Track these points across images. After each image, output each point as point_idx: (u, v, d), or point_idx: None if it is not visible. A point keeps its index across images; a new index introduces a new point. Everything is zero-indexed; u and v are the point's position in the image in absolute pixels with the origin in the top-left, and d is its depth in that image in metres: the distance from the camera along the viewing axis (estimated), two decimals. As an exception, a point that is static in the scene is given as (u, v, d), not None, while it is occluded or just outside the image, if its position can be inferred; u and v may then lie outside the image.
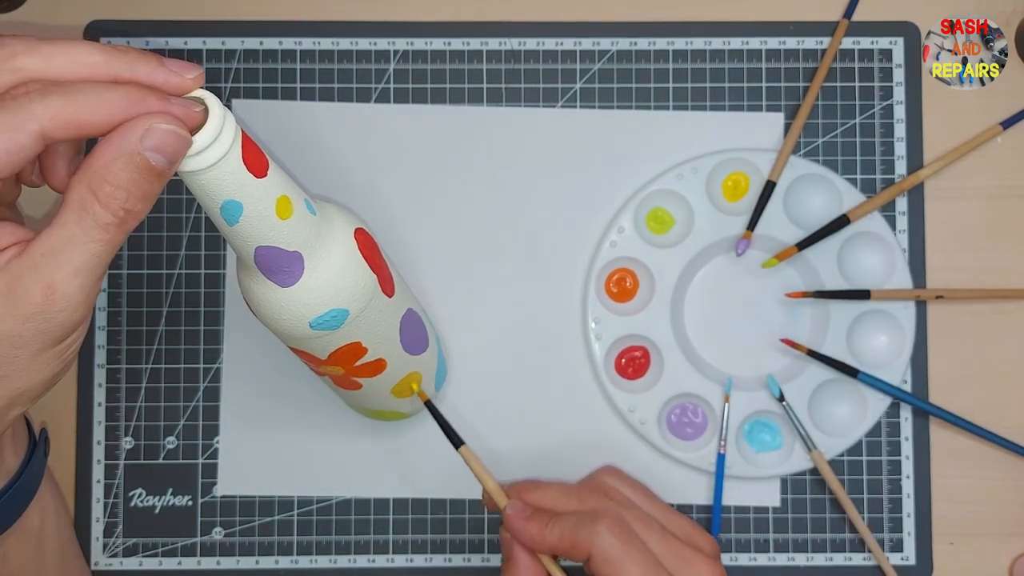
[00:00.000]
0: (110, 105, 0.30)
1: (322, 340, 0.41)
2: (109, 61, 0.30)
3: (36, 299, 0.31)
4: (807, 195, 0.57)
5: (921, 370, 0.57)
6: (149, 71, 0.31)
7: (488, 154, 0.58)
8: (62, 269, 0.31)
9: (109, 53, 0.30)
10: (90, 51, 0.30)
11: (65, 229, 0.31)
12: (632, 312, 0.57)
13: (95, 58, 0.30)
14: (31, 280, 0.31)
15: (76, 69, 0.30)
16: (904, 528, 0.57)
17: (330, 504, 0.57)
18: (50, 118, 0.29)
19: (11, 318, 0.31)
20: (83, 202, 0.30)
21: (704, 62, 0.59)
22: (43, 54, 0.29)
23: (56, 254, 0.31)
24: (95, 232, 0.31)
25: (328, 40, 0.59)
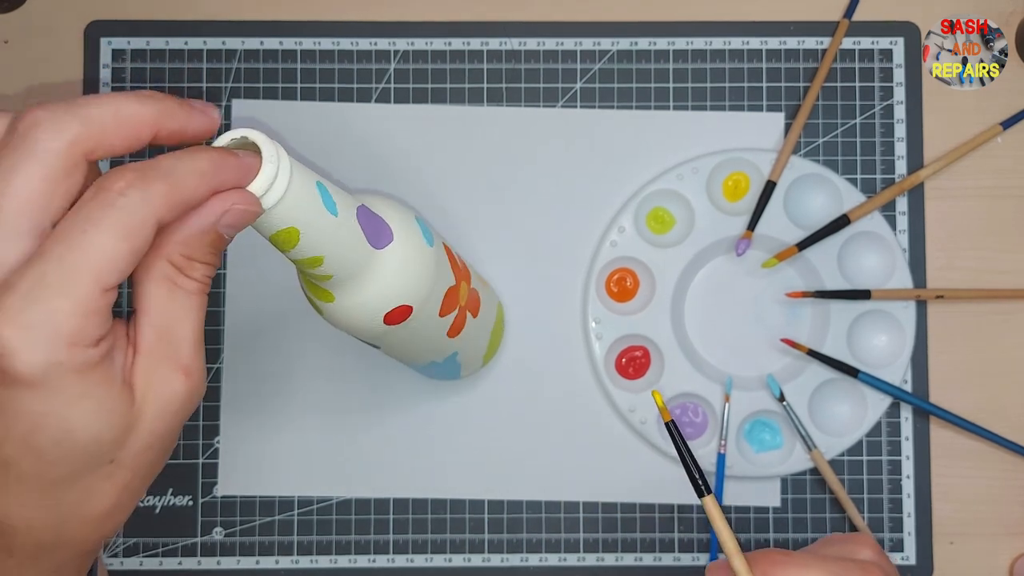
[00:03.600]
0: (203, 179, 0.29)
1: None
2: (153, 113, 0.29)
3: (179, 388, 0.30)
4: (807, 195, 0.57)
5: (921, 370, 0.57)
6: (184, 115, 0.30)
7: (488, 154, 0.58)
8: (185, 345, 0.30)
9: (144, 101, 0.29)
10: (127, 102, 0.29)
11: (164, 309, 0.30)
12: (632, 312, 0.57)
13: (136, 109, 0.29)
14: (168, 365, 0.30)
15: (124, 125, 0.28)
16: (904, 528, 0.57)
17: (330, 504, 0.57)
18: (163, 207, 0.27)
19: (158, 419, 0.29)
20: (168, 276, 0.29)
21: (704, 62, 0.59)
22: (87, 117, 0.28)
23: (172, 336, 0.30)
24: (191, 300, 0.30)
25: (328, 40, 0.59)
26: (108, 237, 0.26)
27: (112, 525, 0.31)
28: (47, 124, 0.27)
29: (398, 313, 0.40)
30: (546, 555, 0.57)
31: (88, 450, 0.28)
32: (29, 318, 0.26)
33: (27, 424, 0.27)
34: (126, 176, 0.27)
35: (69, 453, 0.28)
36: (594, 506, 0.57)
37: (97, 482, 0.29)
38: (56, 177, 0.27)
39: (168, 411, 0.30)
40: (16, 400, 0.27)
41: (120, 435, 0.29)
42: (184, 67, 0.59)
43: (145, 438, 0.29)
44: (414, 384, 0.57)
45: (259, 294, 0.58)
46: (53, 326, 0.26)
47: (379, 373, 0.57)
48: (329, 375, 0.57)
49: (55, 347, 0.26)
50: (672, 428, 0.38)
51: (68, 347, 0.26)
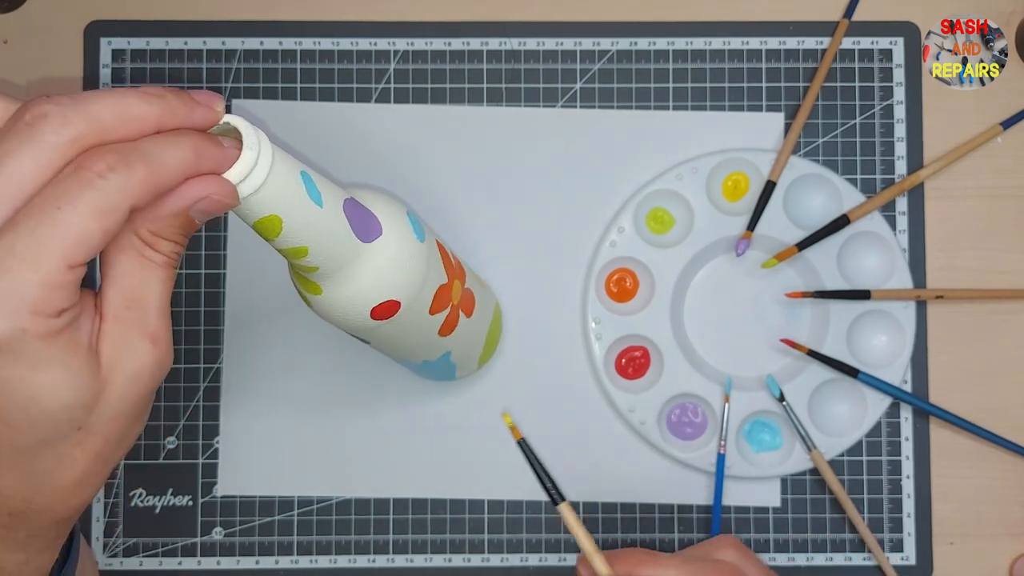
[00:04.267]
0: (184, 166, 0.29)
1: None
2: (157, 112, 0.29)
3: (147, 355, 0.30)
4: (807, 195, 0.57)
5: (921, 370, 0.57)
6: (187, 112, 0.30)
7: (488, 154, 0.58)
8: (151, 314, 0.30)
9: (150, 100, 0.29)
10: (134, 102, 0.29)
11: (130, 278, 0.30)
12: (632, 312, 0.57)
13: (141, 109, 0.29)
14: (134, 333, 0.30)
15: (128, 125, 0.29)
16: (904, 528, 0.57)
17: (330, 504, 0.57)
18: (141, 192, 0.28)
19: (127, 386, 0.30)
20: (135, 247, 0.30)
21: (704, 62, 0.59)
22: (93, 115, 0.28)
23: (138, 304, 0.30)
24: (157, 272, 0.30)
25: (328, 40, 0.59)
26: (81, 216, 0.27)
27: (85, 493, 0.31)
28: (53, 118, 0.27)
29: (386, 308, 0.40)
30: (546, 555, 0.57)
31: (56, 416, 0.28)
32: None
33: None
34: (107, 158, 0.27)
35: (37, 419, 0.28)
36: (594, 506, 0.57)
37: (67, 449, 0.29)
38: (50, 166, 0.27)
39: (136, 378, 0.30)
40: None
41: (88, 401, 0.29)
42: (184, 67, 0.59)
43: (114, 405, 0.30)
44: (414, 385, 0.57)
45: (259, 295, 0.58)
46: (18, 296, 0.26)
47: (379, 374, 0.57)
48: (329, 376, 0.57)
49: (19, 315, 0.26)
50: (524, 446, 0.42)
51: (31, 315, 0.27)
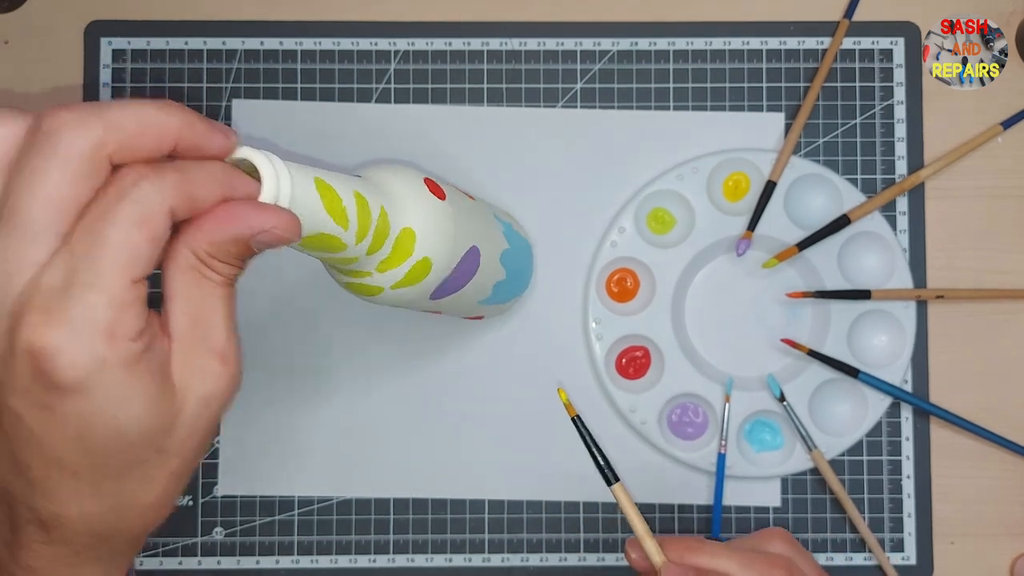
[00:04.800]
0: (219, 183, 0.29)
1: None
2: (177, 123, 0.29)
3: (217, 374, 0.30)
4: (807, 195, 0.57)
5: (921, 370, 0.57)
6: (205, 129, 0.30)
7: (488, 154, 0.58)
8: (218, 331, 0.30)
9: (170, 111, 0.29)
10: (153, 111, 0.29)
11: (192, 296, 0.29)
12: (633, 312, 0.57)
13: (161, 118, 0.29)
14: (204, 353, 0.30)
15: (149, 133, 0.28)
16: (905, 528, 0.57)
17: (330, 504, 0.57)
18: (175, 197, 0.28)
19: (200, 407, 0.30)
20: (194, 266, 0.29)
21: (704, 62, 0.59)
22: (113, 121, 0.28)
23: (204, 323, 0.30)
24: (218, 290, 0.30)
25: (328, 40, 0.59)
26: (126, 227, 0.26)
27: (163, 511, 0.31)
28: (72, 125, 0.27)
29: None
30: (546, 555, 0.57)
31: (137, 443, 0.28)
32: (66, 315, 0.26)
33: (77, 424, 0.27)
34: (138, 169, 0.27)
35: (120, 448, 0.28)
36: (594, 506, 0.57)
37: (148, 471, 0.29)
38: (80, 179, 0.27)
39: (210, 399, 0.30)
40: (65, 402, 0.26)
41: (167, 425, 0.29)
42: (184, 67, 0.59)
43: (190, 426, 0.30)
44: (415, 384, 0.57)
45: (259, 295, 0.57)
46: (92, 320, 0.26)
47: (379, 374, 0.57)
48: (329, 376, 0.57)
49: (97, 342, 0.26)
50: (579, 424, 0.42)
51: (109, 340, 0.26)
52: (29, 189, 0.27)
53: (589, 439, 0.42)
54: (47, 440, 0.27)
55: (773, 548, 0.43)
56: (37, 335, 0.26)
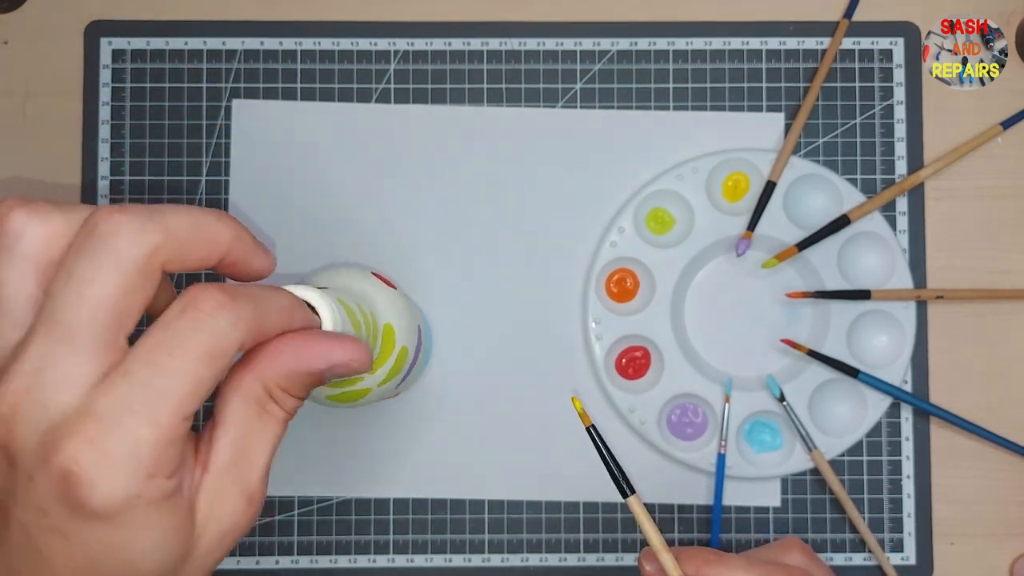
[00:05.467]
0: (284, 314, 0.29)
1: None
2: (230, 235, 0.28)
3: (241, 514, 0.29)
4: (807, 195, 0.57)
5: (921, 370, 0.57)
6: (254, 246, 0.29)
7: (488, 154, 0.58)
8: (256, 472, 0.29)
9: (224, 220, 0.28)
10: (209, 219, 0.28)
11: (246, 430, 0.28)
12: (632, 312, 0.57)
13: (216, 227, 0.28)
14: (234, 490, 0.28)
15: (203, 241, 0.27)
16: (904, 528, 0.57)
17: (330, 504, 0.57)
18: (248, 334, 0.27)
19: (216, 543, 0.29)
20: (259, 400, 0.29)
21: (704, 62, 0.59)
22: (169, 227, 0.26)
23: (246, 459, 0.28)
24: (274, 428, 0.29)
25: (328, 40, 0.59)
26: (194, 362, 0.25)
27: None
28: (129, 230, 0.26)
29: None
30: (546, 555, 0.57)
31: (149, 574, 0.27)
32: (111, 446, 0.24)
33: (91, 553, 0.26)
34: (216, 296, 0.26)
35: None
36: (594, 506, 0.57)
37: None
38: (133, 287, 0.26)
39: (228, 535, 0.29)
40: (84, 529, 0.25)
41: (180, 561, 0.28)
42: (184, 67, 0.59)
43: (204, 557, 0.28)
44: (414, 384, 0.57)
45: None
46: (136, 457, 0.25)
47: (379, 373, 0.57)
48: (329, 375, 0.57)
49: (135, 479, 0.25)
50: (593, 433, 0.41)
51: (147, 479, 0.25)
52: (78, 295, 0.25)
53: (605, 449, 0.41)
54: (53, 563, 0.26)
55: (790, 559, 0.43)
56: (76, 460, 0.24)
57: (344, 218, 0.58)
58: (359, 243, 0.58)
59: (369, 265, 0.58)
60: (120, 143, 0.58)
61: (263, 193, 0.58)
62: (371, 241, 0.58)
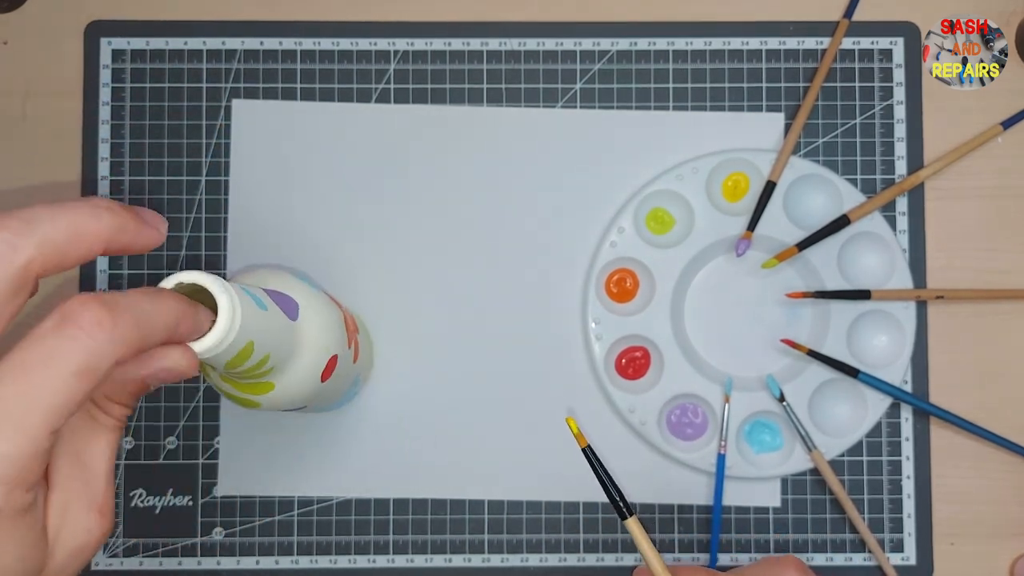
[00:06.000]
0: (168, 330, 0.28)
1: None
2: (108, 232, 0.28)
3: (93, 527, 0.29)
4: (807, 195, 0.57)
5: (921, 370, 0.57)
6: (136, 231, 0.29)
7: (488, 154, 0.58)
8: (98, 482, 0.29)
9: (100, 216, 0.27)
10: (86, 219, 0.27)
11: (79, 442, 0.29)
12: (632, 312, 0.57)
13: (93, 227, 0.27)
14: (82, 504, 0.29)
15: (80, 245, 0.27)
16: (904, 528, 0.57)
17: (330, 504, 0.57)
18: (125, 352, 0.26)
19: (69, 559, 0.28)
20: (89, 411, 0.29)
21: (704, 62, 0.59)
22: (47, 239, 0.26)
23: (86, 471, 0.29)
24: (107, 436, 0.29)
25: (328, 40, 0.59)
26: (68, 378, 0.25)
27: None
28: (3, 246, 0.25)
29: (330, 365, 0.42)
30: (546, 555, 0.57)
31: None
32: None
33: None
34: (96, 312, 0.25)
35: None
36: (594, 506, 0.57)
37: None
38: (3, 302, 0.25)
39: (81, 551, 0.29)
40: None
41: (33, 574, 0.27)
42: (184, 67, 0.59)
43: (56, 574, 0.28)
44: (414, 385, 0.57)
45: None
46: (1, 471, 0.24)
47: (379, 373, 0.57)
48: (329, 375, 0.57)
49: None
50: (589, 455, 0.40)
51: (8, 493, 0.24)
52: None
53: (601, 471, 0.40)
54: None
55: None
56: None
57: (344, 218, 0.58)
58: (359, 243, 0.58)
59: (370, 265, 0.58)
60: (120, 143, 0.58)
61: (263, 193, 0.58)
62: (371, 241, 0.58)
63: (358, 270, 0.58)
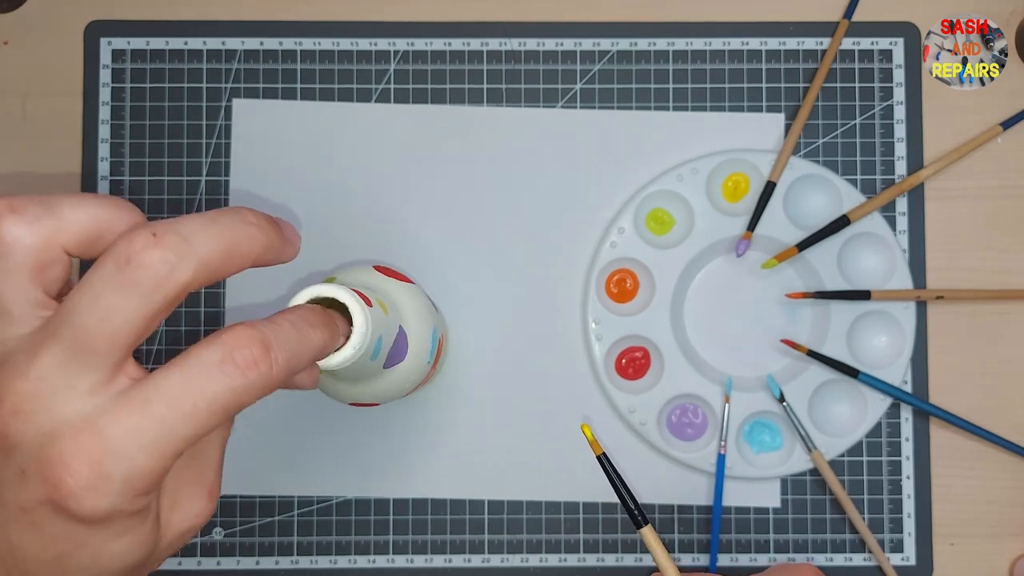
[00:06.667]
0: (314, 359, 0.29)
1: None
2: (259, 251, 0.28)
3: (201, 509, 0.30)
4: (807, 196, 0.57)
5: (921, 370, 0.57)
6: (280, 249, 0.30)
7: (488, 154, 0.58)
8: (212, 468, 0.30)
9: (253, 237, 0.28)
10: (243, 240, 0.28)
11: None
12: (632, 312, 0.57)
13: (246, 248, 0.28)
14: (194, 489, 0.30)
15: (233, 265, 0.27)
16: (904, 528, 0.57)
17: (330, 504, 0.57)
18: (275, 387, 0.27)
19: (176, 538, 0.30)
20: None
21: (704, 62, 0.59)
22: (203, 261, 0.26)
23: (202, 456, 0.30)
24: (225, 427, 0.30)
25: (328, 40, 0.59)
26: (215, 414, 0.26)
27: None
28: (165, 267, 0.26)
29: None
30: (546, 555, 0.57)
31: (114, 574, 0.28)
32: (109, 468, 0.25)
33: (62, 550, 0.26)
34: (254, 352, 0.26)
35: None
36: (594, 506, 0.57)
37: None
38: (158, 316, 0.26)
39: (188, 533, 0.30)
40: (61, 529, 0.26)
41: (144, 559, 0.28)
42: (184, 67, 0.59)
43: (164, 552, 0.29)
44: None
45: (259, 295, 0.58)
46: (129, 481, 0.25)
47: (379, 373, 0.57)
48: (329, 375, 0.57)
49: (123, 498, 0.25)
50: (605, 462, 0.40)
51: (131, 500, 0.26)
52: (102, 321, 0.25)
53: (617, 479, 0.40)
54: (24, 553, 0.27)
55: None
56: (72, 472, 0.25)
57: (344, 218, 0.58)
58: (358, 243, 0.58)
59: (370, 264, 0.57)
60: (120, 143, 0.58)
61: (263, 193, 0.58)
62: (370, 241, 0.58)
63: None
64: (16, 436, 0.26)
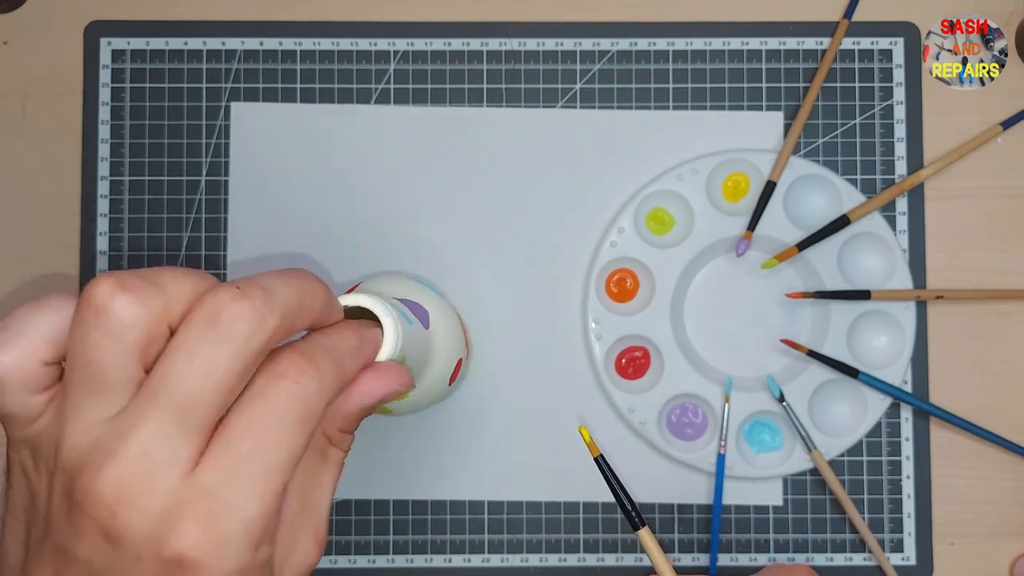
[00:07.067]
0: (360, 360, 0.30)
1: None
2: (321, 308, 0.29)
3: (312, 557, 0.30)
4: (807, 195, 0.57)
5: (921, 370, 0.57)
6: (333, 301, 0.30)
7: (488, 154, 0.58)
8: (323, 514, 0.30)
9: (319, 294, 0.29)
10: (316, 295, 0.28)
11: (311, 479, 0.30)
12: (632, 312, 0.57)
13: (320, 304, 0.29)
14: (305, 539, 0.29)
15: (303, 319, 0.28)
16: (904, 528, 0.57)
17: (330, 504, 0.57)
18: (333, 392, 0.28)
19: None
20: (320, 448, 0.29)
21: (704, 62, 0.59)
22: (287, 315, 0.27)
23: (314, 503, 0.30)
24: (335, 470, 0.30)
25: (328, 40, 0.59)
26: (291, 430, 0.26)
27: None
28: (252, 320, 0.26)
29: (456, 368, 0.45)
30: (546, 555, 0.57)
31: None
32: (224, 525, 0.25)
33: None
34: (297, 361, 0.27)
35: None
36: (594, 506, 0.57)
37: None
38: (248, 371, 0.26)
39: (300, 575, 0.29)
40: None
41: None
42: (184, 67, 0.59)
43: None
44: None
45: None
46: (246, 533, 0.25)
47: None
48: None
49: (245, 554, 0.25)
50: (602, 464, 0.40)
51: (255, 550, 0.25)
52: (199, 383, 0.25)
53: (614, 480, 0.41)
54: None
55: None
56: (191, 544, 0.24)
57: (343, 219, 0.58)
58: (358, 244, 0.58)
59: (370, 265, 0.58)
60: (120, 143, 0.58)
61: (262, 193, 0.58)
62: (370, 242, 0.58)
63: (358, 270, 0.58)
64: (122, 525, 0.25)
